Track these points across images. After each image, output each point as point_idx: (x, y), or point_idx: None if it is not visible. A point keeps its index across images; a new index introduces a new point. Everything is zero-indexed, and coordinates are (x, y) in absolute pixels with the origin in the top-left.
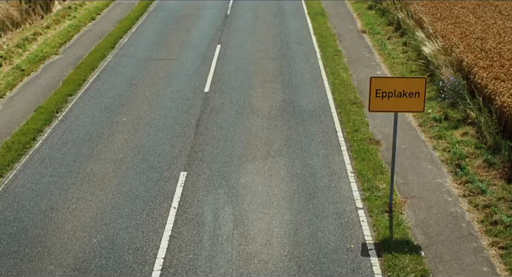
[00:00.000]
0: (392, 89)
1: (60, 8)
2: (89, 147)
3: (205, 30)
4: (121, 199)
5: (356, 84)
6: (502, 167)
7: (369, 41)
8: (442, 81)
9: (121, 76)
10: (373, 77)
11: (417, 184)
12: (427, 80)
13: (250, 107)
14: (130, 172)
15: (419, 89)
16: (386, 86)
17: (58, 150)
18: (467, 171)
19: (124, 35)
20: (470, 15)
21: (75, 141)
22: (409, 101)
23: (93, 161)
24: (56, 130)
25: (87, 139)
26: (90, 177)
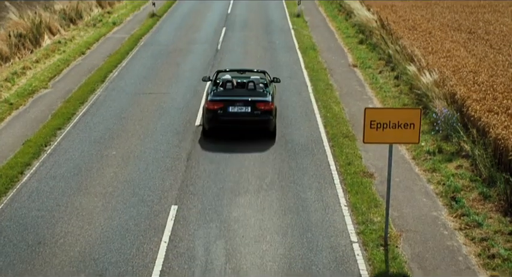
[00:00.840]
0: (387, 120)
1: (50, 43)
2: (78, 180)
3: (196, 65)
4: (110, 234)
5: (348, 117)
6: (497, 200)
7: (360, 75)
8: (435, 113)
9: (111, 110)
10: (367, 107)
11: (412, 217)
12: (422, 111)
13: (243, 139)
14: (120, 206)
15: (414, 120)
16: (381, 117)
17: (46, 183)
18: (462, 204)
19: (114, 69)
20: (462, 49)
21: (63, 174)
22: (404, 132)
23: (82, 195)
24: (45, 163)
25: (76, 173)
26: (79, 211)
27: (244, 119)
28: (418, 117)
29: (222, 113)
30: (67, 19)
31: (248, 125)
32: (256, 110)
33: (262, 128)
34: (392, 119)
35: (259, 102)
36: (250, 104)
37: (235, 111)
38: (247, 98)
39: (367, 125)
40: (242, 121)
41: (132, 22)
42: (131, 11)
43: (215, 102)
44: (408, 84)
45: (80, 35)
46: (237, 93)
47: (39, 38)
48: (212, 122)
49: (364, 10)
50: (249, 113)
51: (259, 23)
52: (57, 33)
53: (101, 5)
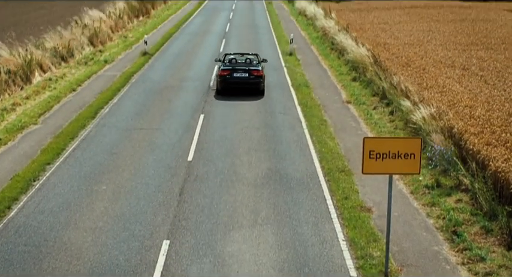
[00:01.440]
0: (387, 150)
1: (41, 80)
2: (67, 215)
3: (188, 101)
4: (100, 269)
5: (344, 152)
6: (500, 234)
7: (354, 111)
8: (432, 147)
9: (101, 145)
10: (366, 137)
11: (413, 252)
12: (422, 140)
13: (236, 175)
14: (110, 241)
15: (414, 149)
16: (380, 147)
17: (34, 218)
18: (464, 238)
19: (105, 106)
20: (457, 85)
21: (52, 209)
22: (404, 162)
23: (70, 230)
24: (33, 198)
25: (64, 208)
26: (67, 246)
27: (243, 81)
28: (418, 146)
29: (229, 77)
30: (58, 57)
31: (246, 85)
32: (251, 75)
33: (254, 87)
34: (392, 148)
35: (253, 70)
36: (247, 71)
37: (238, 76)
38: (245, 68)
39: (366, 155)
40: (242, 82)
41: (124, 60)
42: (123, 50)
43: (225, 71)
44: (403, 120)
45: (71, 72)
46: (239, 65)
47: (30, 75)
48: (223, 83)
49: (357, 47)
50: (246, 77)
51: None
52: (48, 70)
53: (92, 43)
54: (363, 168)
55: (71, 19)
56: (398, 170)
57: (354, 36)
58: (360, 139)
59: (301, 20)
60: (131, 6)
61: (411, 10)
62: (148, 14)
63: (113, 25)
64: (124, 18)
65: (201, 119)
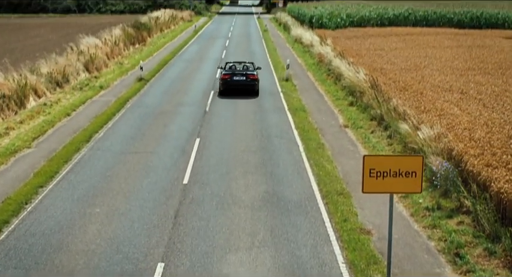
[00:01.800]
0: (387, 168)
1: (35, 104)
2: (59, 238)
3: (183, 125)
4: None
5: (342, 175)
6: (504, 256)
7: (352, 135)
8: (433, 169)
9: (95, 168)
10: (366, 155)
11: (414, 274)
12: (424, 158)
13: (232, 198)
14: (103, 263)
15: (416, 168)
16: (381, 165)
17: (25, 241)
18: (467, 260)
19: (100, 130)
20: (455, 108)
21: (43, 232)
22: (405, 181)
23: (62, 252)
24: (24, 221)
25: (57, 231)
26: (59, 268)
27: (241, 83)
28: (419, 164)
29: (230, 80)
30: (53, 82)
31: (243, 86)
32: (248, 78)
33: (250, 88)
34: (393, 167)
35: (249, 75)
36: (245, 75)
37: (237, 79)
38: (243, 72)
39: (366, 173)
40: (240, 84)
41: (119, 86)
42: (118, 76)
43: (226, 75)
44: (402, 143)
45: (66, 98)
46: (238, 70)
47: (24, 99)
48: (224, 85)
49: (353, 72)
50: (244, 80)
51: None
52: (42, 95)
53: (88, 69)
54: (362, 187)
55: (67, 46)
56: (399, 189)
57: (350, 61)
58: (358, 162)
59: (297, 47)
60: (127, 33)
61: (407, 37)
62: (144, 42)
63: (108, 52)
64: (120, 45)
65: (196, 142)
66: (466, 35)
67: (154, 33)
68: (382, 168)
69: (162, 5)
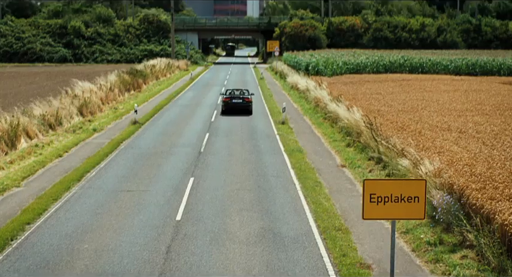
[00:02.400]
0: (389, 193)
1: (26, 146)
2: (44, 273)
3: (177, 165)
4: None
5: (340, 212)
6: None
7: (349, 174)
8: (433, 202)
9: (86, 206)
10: (366, 179)
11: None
12: (426, 183)
13: (226, 233)
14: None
15: (418, 192)
16: (382, 189)
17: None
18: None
19: (92, 170)
20: (454, 146)
21: (29, 267)
22: (407, 206)
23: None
24: (9, 257)
25: (42, 266)
26: None
27: (239, 104)
28: (422, 189)
29: (230, 102)
30: (46, 125)
31: (240, 107)
32: (244, 101)
33: (246, 109)
34: (394, 191)
35: (245, 98)
36: (241, 98)
37: (235, 102)
38: (240, 96)
39: (366, 198)
40: (238, 105)
41: (113, 129)
42: (113, 120)
43: (227, 98)
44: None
45: (58, 140)
46: (236, 95)
47: (15, 140)
48: (226, 106)
49: (350, 114)
50: (241, 102)
51: (244, 130)
52: (34, 137)
53: (81, 113)
54: (363, 213)
55: (61, 90)
56: (401, 215)
57: (346, 104)
58: (357, 200)
59: (293, 94)
60: (123, 79)
61: (403, 82)
62: (140, 89)
63: (103, 97)
64: (115, 91)
65: (190, 181)
66: (462, 81)
67: (150, 81)
68: (383, 193)
69: (159, 54)
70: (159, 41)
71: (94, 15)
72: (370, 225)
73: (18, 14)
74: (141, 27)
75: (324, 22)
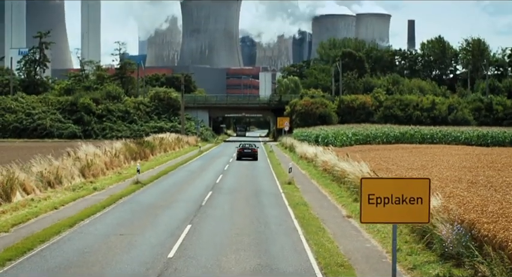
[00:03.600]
0: (389, 194)
1: (22, 200)
2: None
3: (176, 215)
4: None
5: (343, 252)
6: None
7: (355, 223)
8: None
9: (74, 246)
10: (363, 178)
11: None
12: (430, 181)
13: (220, 268)
14: None
15: (421, 192)
16: (382, 189)
17: None
18: None
19: (86, 219)
20: (465, 192)
21: None
22: (409, 208)
23: None
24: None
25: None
26: None
27: (248, 153)
28: (426, 189)
29: (242, 151)
30: (44, 182)
31: (249, 154)
32: (252, 151)
33: (253, 155)
34: (395, 191)
35: (253, 149)
36: (250, 149)
37: (246, 151)
38: (249, 148)
39: (364, 199)
40: (247, 153)
41: (115, 188)
42: (115, 181)
43: (240, 149)
44: (409, 226)
45: (56, 196)
46: (246, 147)
47: (11, 193)
48: (239, 154)
49: (357, 169)
50: (250, 151)
51: (249, 189)
52: (31, 192)
53: (83, 175)
54: (361, 216)
55: (63, 151)
56: (403, 218)
57: (354, 163)
58: (362, 243)
59: (301, 163)
60: (129, 147)
61: (414, 149)
62: (147, 158)
63: (107, 161)
64: (120, 158)
65: (187, 227)
66: (473, 149)
67: (158, 152)
68: (383, 193)
69: (169, 130)
70: (169, 118)
71: (104, 93)
72: (375, 263)
73: (29, 91)
74: (151, 104)
75: (334, 100)
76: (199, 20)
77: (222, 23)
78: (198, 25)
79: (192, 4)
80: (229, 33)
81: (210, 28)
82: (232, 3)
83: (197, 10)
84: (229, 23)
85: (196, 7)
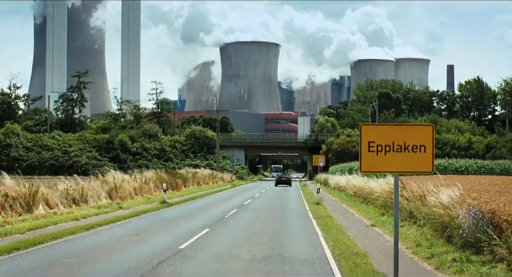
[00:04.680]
0: (390, 141)
1: (43, 212)
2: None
3: (195, 224)
4: None
5: (361, 246)
6: None
7: (378, 230)
8: (460, 217)
9: (85, 242)
10: (363, 124)
11: None
12: (434, 127)
13: (230, 255)
14: None
15: (425, 140)
16: (382, 136)
17: None
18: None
19: (105, 225)
20: (493, 196)
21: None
22: (412, 157)
23: None
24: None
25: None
26: None
27: (284, 181)
28: (430, 136)
29: (279, 180)
30: (69, 199)
31: (285, 183)
32: (287, 179)
33: (288, 182)
34: (397, 139)
35: (287, 177)
36: (285, 178)
37: (282, 179)
38: (284, 177)
39: (364, 147)
40: (283, 182)
41: (140, 208)
42: (143, 203)
43: (278, 178)
44: (433, 226)
45: (80, 211)
46: (282, 176)
47: (32, 205)
48: (276, 182)
49: (385, 185)
50: (285, 180)
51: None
52: (55, 207)
53: (110, 196)
54: (360, 165)
55: (91, 173)
56: (405, 167)
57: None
58: (383, 243)
59: (333, 192)
60: (160, 176)
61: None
62: (178, 189)
63: (137, 187)
64: (150, 185)
65: (205, 230)
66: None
67: (191, 185)
68: (384, 141)
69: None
70: (205, 156)
71: (141, 131)
72: (391, 255)
73: (66, 130)
74: (187, 142)
75: None
76: (238, 65)
77: (261, 68)
78: (237, 70)
79: (230, 49)
80: (268, 78)
81: (249, 73)
82: (271, 48)
83: (236, 55)
84: (268, 68)
85: (235, 52)
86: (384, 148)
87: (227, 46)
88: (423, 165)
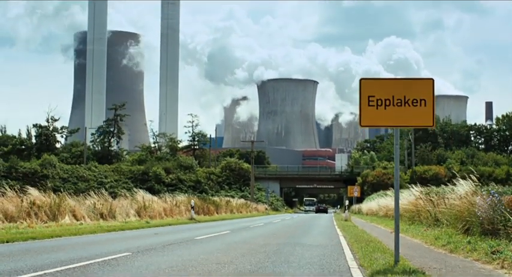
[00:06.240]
0: (390, 95)
1: (69, 222)
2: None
3: (220, 230)
4: None
5: (377, 237)
6: None
7: (403, 234)
8: (477, 199)
9: (103, 237)
10: (363, 78)
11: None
12: (434, 81)
13: (244, 240)
14: None
15: (425, 94)
16: (382, 90)
17: None
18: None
19: (128, 230)
20: None
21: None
22: (412, 111)
23: None
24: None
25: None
26: None
27: (322, 209)
28: (430, 89)
29: (318, 208)
30: (97, 213)
31: (322, 211)
32: (324, 208)
33: (325, 211)
34: (397, 93)
35: (325, 207)
36: (323, 207)
37: (321, 208)
38: (323, 206)
39: (363, 101)
40: (322, 210)
41: (165, 222)
42: (172, 222)
43: (317, 206)
44: (454, 224)
45: (107, 225)
46: (321, 205)
47: (58, 215)
48: (316, 210)
49: (412, 192)
50: (323, 208)
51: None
52: (81, 219)
53: (139, 214)
54: (360, 119)
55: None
56: (405, 122)
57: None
58: (401, 240)
59: (365, 217)
60: (191, 200)
61: None
62: (210, 214)
63: (167, 208)
64: (181, 207)
65: (226, 232)
66: None
67: (223, 212)
68: (384, 95)
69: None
70: (240, 188)
71: (176, 163)
72: (408, 245)
73: (102, 162)
74: (222, 174)
75: (407, 172)
76: (276, 101)
77: (299, 105)
78: (275, 107)
79: (268, 86)
80: (305, 115)
81: (286, 110)
82: (308, 85)
83: (274, 92)
84: (305, 105)
85: (273, 89)
86: (383, 103)
87: (265, 83)
88: (423, 119)
